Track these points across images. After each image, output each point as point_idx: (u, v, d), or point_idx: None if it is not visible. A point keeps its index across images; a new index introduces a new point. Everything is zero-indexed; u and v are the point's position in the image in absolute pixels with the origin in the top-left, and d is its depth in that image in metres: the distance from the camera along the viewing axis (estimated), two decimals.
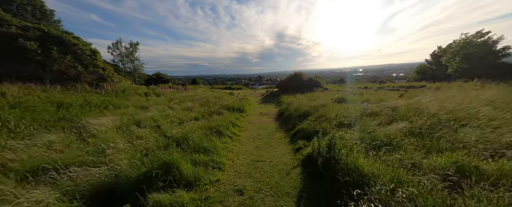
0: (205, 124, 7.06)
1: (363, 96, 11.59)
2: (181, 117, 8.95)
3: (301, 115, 7.93)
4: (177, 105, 12.44)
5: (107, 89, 16.64)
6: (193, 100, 13.66)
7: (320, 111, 7.81)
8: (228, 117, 8.71)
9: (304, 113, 7.95)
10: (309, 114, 7.78)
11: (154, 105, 12.24)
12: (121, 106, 11.96)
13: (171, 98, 15.64)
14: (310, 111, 8.03)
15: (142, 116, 8.58)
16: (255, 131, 7.58)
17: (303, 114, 7.96)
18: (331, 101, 10.12)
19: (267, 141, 6.21)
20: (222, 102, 12.24)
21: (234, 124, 7.94)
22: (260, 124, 8.75)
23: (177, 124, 7.51)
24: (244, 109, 11.61)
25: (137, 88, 19.91)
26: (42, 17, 20.48)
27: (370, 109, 6.75)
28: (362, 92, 13.91)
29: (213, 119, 8.25)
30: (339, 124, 5.83)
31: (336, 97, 11.42)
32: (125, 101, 13.86)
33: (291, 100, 12.51)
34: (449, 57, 16.05)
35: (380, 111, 6.49)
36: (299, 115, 7.99)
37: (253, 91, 25.36)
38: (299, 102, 10.72)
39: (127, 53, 23.47)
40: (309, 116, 7.60)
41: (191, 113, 9.90)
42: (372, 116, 6.22)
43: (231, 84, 39.73)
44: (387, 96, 9.81)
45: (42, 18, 20.43)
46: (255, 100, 17.46)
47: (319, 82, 21.67)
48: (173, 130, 5.74)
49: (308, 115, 7.73)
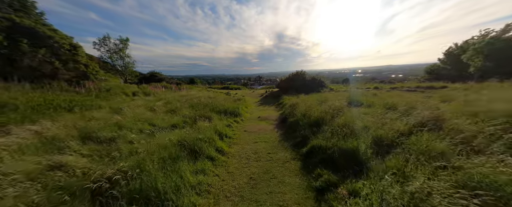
0: (183, 134, 4.99)
1: (380, 98, 9.47)
2: (158, 122, 6.87)
3: (312, 124, 5.82)
4: (162, 107, 10.34)
5: (89, 88, 14.56)
6: (182, 101, 11.55)
7: (337, 118, 5.71)
8: (217, 124, 6.61)
9: (316, 121, 5.84)
10: (323, 122, 5.67)
11: (136, 106, 10.16)
12: (93, 107, 9.82)
13: (160, 99, 13.55)
14: (323, 117, 5.91)
15: (109, 121, 6.50)
16: (251, 145, 5.47)
17: (314, 122, 5.84)
18: (344, 104, 8.02)
19: (268, 165, 4.07)
20: (215, 104, 10.14)
21: (222, 135, 5.82)
22: (258, 134, 6.65)
23: (146, 135, 5.42)
24: (239, 112, 9.50)
25: (126, 87, 17.77)
26: (21, 8, 18.25)
27: (414, 116, 4.60)
28: (376, 93, 11.77)
29: (197, 126, 6.16)
30: (378, 142, 3.73)
31: (349, 99, 9.31)
32: (103, 101, 11.72)
33: (294, 102, 10.41)
34: (471, 54, 13.98)
35: (435, 122, 4.27)
36: (309, 123, 5.88)
37: (252, 92, 23.25)
38: (306, 105, 8.61)
39: (116, 50, 21.33)
40: (323, 125, 5.50)
41: (175, 116, 7.83)
42: (431, 131, 3.75)
43: (229, 84, 37.61)
44: (415, 99, 7.70)
45: (21, 9, 18.20)
46: (253, 102, 15.35)
47: (323, 82, 19.53)
48: (120, 162, 3.42)
49: (321, 124, 5.62)
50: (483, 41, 13.59)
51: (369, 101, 8.64)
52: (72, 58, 15.43)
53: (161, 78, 24.64)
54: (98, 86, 15.43)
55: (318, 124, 5.70)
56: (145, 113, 8.24)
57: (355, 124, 4.87)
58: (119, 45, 21.55)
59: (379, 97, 9.78)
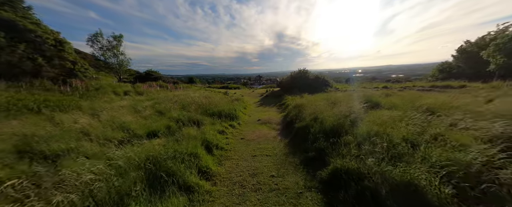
0: (156, 148, 3.60)
1: (400, 98, 8.05)
2: (136, 128, 5.50)
3: (327, 131, 4.40)
4: (150, 108, 8.95)
5: (76, 87, 13.20)
6: (174, 101, 10.14)
7: (361, 124, 4.30)
8: (207, 131, 5.21)
9: (333, 128, 4.43)
10: (342, 130, 4.28)
11: (120, 107, 8.79)
12: (70, 108, 8.41)
13: (152, 98, 12.18)
14: (342, 123, 4.51)
15: (74, 126, 5.13)
16: (248, 160, 4.04)
17: (331, 129, 4.43)
18: (360, 106, 6.61)
19: (273, 200, 2.63)
20: (209, 105, 8.74)
21: (212, 146, 4.41)
22: (258, 142, 5.25)
23: (112, 146, 4.03)
24: (236, 114, 8.08)
25: (117, 86, 16.37)
26: (6, 2, 16.83)
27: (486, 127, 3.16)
28: (389, 93, 10.34)
29: (182, 134, 4.77)
30: (449, 172, 2.31)
31: (364, 100, 7.89)
32: (86, 102, 10.30)
33: (299, 102, 8.99)
34: (493, 50, 12.49)
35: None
36: (323, 131, 4.46)
37: (251, 91, 21.81)
38: (314, 107, 7.19)
39: (109, 47, 19.92)
40: (343, 133, 4.10)
41: (162, 119, 6.45)
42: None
43: (229, 84, 36.19)
44: (447, 100, 6.24)
45: (6, 3, 16.78)
46: (253, 102, 13.94)
47: (327, 81, 18.10)
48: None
49: (340, 132, 4.21)
50: (506, 36, 12.07)
51: (389, 102, 7.22)
52: (58, 55, 14.02)
53: (157, 77, 23.21)
54: (86, 85, 14.07)
55: (336, 132, 4.28)
56: (125, 115, 6.84)
57: (390, 135, 3.47)
58: (113, 42, 20.15)
59: (398, 97, 8.36)
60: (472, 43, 16.35)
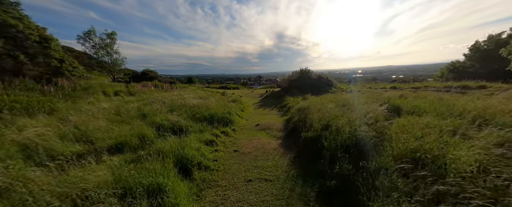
0: (102, 176, 2.44)
1: (424, 101, 6.84)
2: (103, 136, 4.32)
3: (349, 148, 3.18)
4: (135, 110, 7.77)
5: (62, 87, 12.06)
6: (163, 103, 8.94)
7: (396, 139, 3.09)
8: (190, 144, 4.02)
9: (355, 143, 3.20)
10: (369, 146, 3.08)
11: (101, 109, 7.67)
12: (41, 110, 7.24)
13: (142, 99, 11.02)
14: (368, 138, 3.29)
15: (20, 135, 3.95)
16: (241, 189, 2.78)
17: (354, 145, 3.20)
18: (380, 110, 5.41)
19: None
20: (200, 107, 7.54)
21: (192, 166, 3.21)
22: (255, 158, 4.06)
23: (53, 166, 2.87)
24: (231, 118, 6.87)
25: (109, 86, 15.20)
26: None
27: None
28: (404, 95, 9.07)
29: (155, 147, 3.59)
30: None
31: (380, 102, 6.68)
32: (66, 103, 9.16)
33: (303, 105, 7.78)
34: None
35: None
36: (344, 147, 3.22)
37: (251, 91, 20.59)
38: (324, 111, 5.98)
39: (102, 45, 18.74)
40: (373, 152, 2.93)
41: (139, 126, 5.27)
42: None
43: (228, 84, 34.96)
44: (482, 105, 5.01)
45: None
46: (252, 103, 12.74)
47: (331, 81, 16.88)
48: None
49: (367, 150, 3.03)
50: None
51: (412, 105, 5.99)
52: (43, 52, 12.84)
53: (153, 77, 22.02)
54: (74, 85, 12.92)
55: (362, 149, 3.09)
56: (98, 120, 5.64)
57: (445, 155, 2.29)
58: (106, 40, 18.96)
59: (420, 100, 7.13)
60: (486, 41, 15.11)
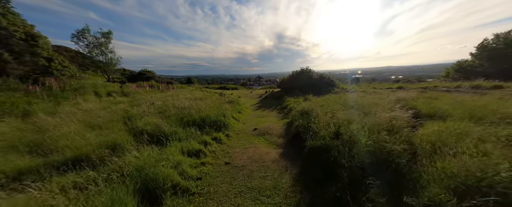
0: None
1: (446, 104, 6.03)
2: (67, 144, 3.53)
3: (373, 166, 2.41)
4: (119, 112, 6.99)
5: (49, 87, 11.29)
6: (151, 103, 8.14)
7: (439, 156, 2.28)
8: (170, 156, 3.22)
9: (379, 159, 2.41)
10: (402, 166, 2.27)
11: (83, 111, 6.90)
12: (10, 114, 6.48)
13: (134, 99, 10.28)
14: (398, 153, 2.47)
15: None
16: None
17: (384, 161, 2.40)
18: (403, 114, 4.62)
19: None
20: (192, 109, 6.74)
21: (163, 191, 2.40)
22: (250, 173, 3.26)
23: None
24: (225, 122, 6.06)
25: (102, 87, 14.39)
26: None
27: None
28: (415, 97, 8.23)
29: (123, 161, 2.81)
30: None
31: (393, 103, 5.88)
32: (46, 104, 8.37)
33: (306, 107, 6.96)
34: None
35: None
36: (369, 165, 2.46)
37: (250, 92, 19.77)
38: (330, 114, 5.19)
39: (96, 44, 17.98)
40: (416, 176, 2.13)
41: (116, 132, 4.48)
42: None
43: (227, 84, 34.14)
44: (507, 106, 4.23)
45: None
46: (250, 104, 11.94)
47: (333, 81, 16.10)
48: None
49: (402, 172, 2.23)
50: None
51: (431, 107, 5.19)
52: (29, 50, 12.08)
53: (149, 77, 21.25)
54: (63, 85, 12.15)
55: (390, 165, 2.30)
56: (70, 124, 4.84)
57: None
58: (100, 39, 18.20)
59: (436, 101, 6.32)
60: (494, 39, 14.31)
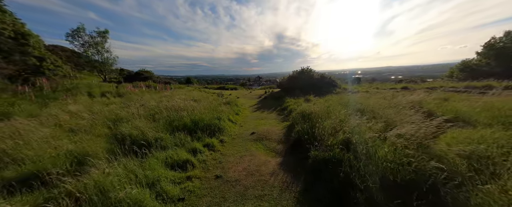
0: None
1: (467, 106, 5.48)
2: (25, 155, 2.99)
3: (402, 188, 1.91)
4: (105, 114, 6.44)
5: (40, 87, 10.77)
6: (142, 105, 7.59)
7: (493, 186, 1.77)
8: (149, 170, 2.70)
9: (414, 179, 1.90)
10: (452, 197, 1.76)
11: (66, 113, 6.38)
12: None
13: (126, 100, 9.74)
14: (432, 170, 1.97)
15: None
16: None
17: (410, 179, 1.90)
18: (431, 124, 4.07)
19: None
20: (180, 111, 6.19)
21: None
22: (244, 192, 2.68)
23: None
24: (220, 125, 5.51)
25: (96, 87, 13.85)
26: None
27: None
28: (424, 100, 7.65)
29: (57, 192, 2.26)
30: None
31: (405, 105, 5.32)
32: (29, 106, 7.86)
33: (307, 109, 6.38)
34: None
35: None
36: (395, 186, 1.97)
37: (249, 92, 19.23)
38: (335, 117, 4.65)
39: (92, 43, 17.43)
40: None
41: (93, 139, 3.95)
42: None
43: (226, 84, 33.59)
44: None
45: None
46: (249, 105, 11.39)
47: (334, 81, 15.54)
48: None
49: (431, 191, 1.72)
50: None
51: (447, 110, 4.64)
52: (19, 49, 11.55)
53: (147, 77, 20.71)
54: (55, 85, 11.63)
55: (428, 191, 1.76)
56: (40, 129, 4.29)
57: None
58: (96, 39, 17.65)
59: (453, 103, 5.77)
60: (502, 37, 13.77)
